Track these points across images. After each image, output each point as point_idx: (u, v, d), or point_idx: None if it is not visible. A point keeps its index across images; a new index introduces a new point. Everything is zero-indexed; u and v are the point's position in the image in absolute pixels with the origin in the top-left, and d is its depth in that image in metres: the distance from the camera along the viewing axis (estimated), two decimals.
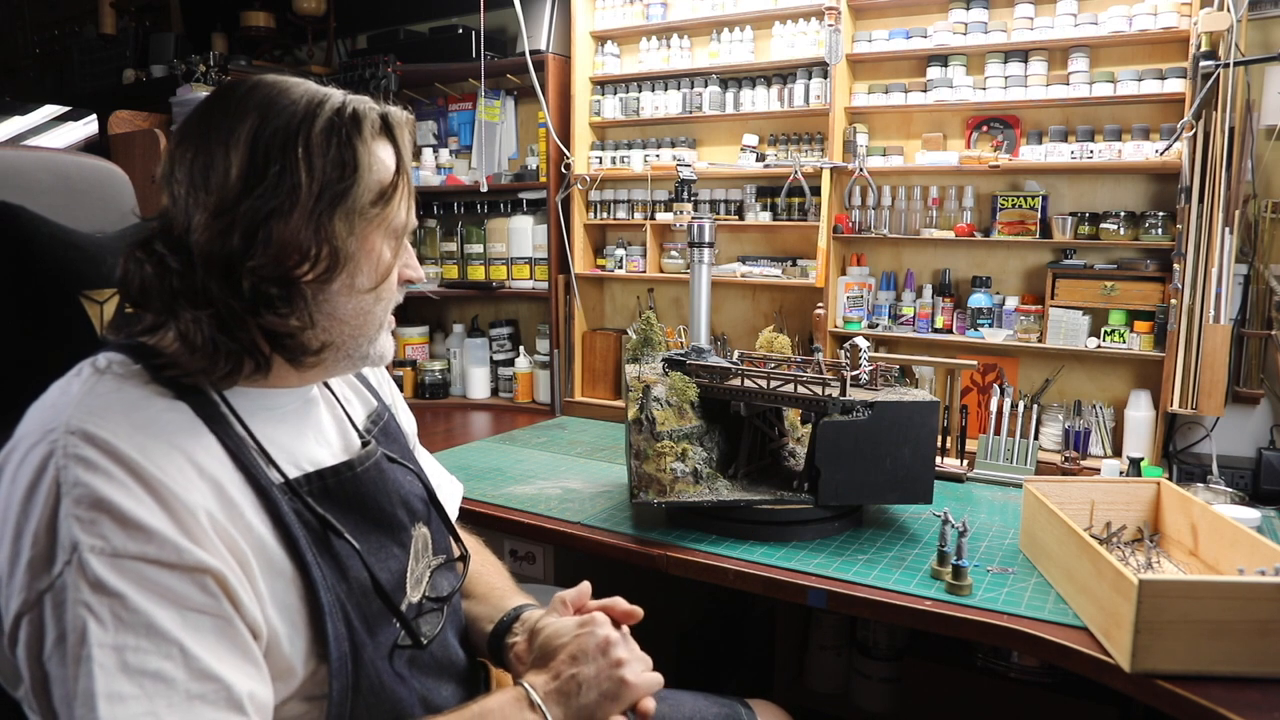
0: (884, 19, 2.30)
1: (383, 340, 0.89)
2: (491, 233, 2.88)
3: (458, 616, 1.03)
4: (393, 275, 0.86)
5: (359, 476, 0.89)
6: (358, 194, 0.79)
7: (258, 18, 3.22)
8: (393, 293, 0.88)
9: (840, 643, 2.19)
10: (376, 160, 0.82)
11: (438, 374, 2.94)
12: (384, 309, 0.87)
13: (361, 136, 0.81)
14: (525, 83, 2.63)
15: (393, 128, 0.84)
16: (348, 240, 0.79)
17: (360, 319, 0.85)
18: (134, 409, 0.73)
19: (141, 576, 0.67)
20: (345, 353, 0.86)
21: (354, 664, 0.79)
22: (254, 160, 0.76)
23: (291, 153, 0.77)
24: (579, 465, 2.09)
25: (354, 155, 0.80)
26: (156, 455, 0.71)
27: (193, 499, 0.71)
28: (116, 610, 0.65)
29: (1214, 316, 1.84)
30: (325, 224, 0.78)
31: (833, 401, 1.49)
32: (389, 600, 0.85)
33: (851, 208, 2.34)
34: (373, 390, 1.07)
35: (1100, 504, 1.48)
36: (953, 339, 2.22)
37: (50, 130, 3.30)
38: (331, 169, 0.78)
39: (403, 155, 0.84)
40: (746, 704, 1.25)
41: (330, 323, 0.83)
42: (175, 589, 0.68)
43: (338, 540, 0.82)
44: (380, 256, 0.84)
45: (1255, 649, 1.04)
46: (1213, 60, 1.81)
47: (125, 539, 0.67)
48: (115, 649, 0.65)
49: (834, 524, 1.57)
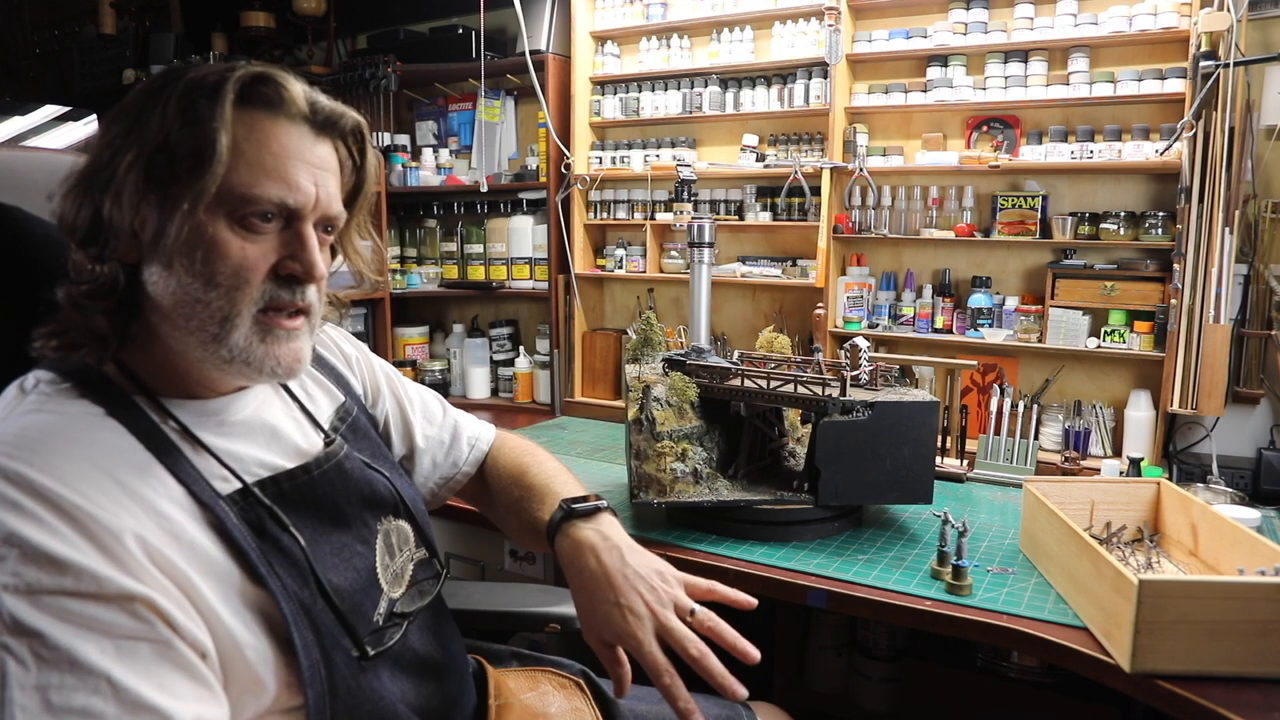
0: (884, 19, 2.29)
1: (238, 339, 0.77)
2: (491, 233, 2.88)
3: (446, 610, 1.02)
4: (231, 259, 0.75)
5: (315, 480, 0.86)
6: (152, 153, 0.73)
7: (258, 18, 3.21)
8: (240, 282, 0.76)
9: (840, 643, 2.19)
10: (186, 124, 0.73)
11: (438, 374, 2.94)
12: (224, 299, 0.75)
13: (173, 98, 0.73)
14: (525, 83, 2.63)
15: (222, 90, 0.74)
16: (149, 210, 0.74)
17: (186, 308, 0.75)
18: (55, 434, 0.70)
19: (62, 610, 0.63)
20: (193, 352, 0.77)
21: (327, 670, 0.77)
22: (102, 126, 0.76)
23: (116, 114, 0.75)
24: (579, 465, 2.09)
25: (160, 118, 0.73)
26: (77, 481, 0.67)
27: (119, 523, 0.67)
28: (36, 648, 0.62)
29: (1214, 316, 1.84)
30: (125, 188, 0.73)
31: (833, 401, 1.49)
32: (335, 607, 0.80)
33: (851, 208, 2.34)
34: (344, 384, 1.02)
35: (1100, 504, 1.48)
36: (953, 339, 2.22)
37: (50, 130, 3.30)
38: (136, 134, 0.73)
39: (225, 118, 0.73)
40: (746, 705, 1.24)
41: (152, 308, 0.77)
42: (101, 619, 0.64)
43: (292, 545, 0.79)
44: (207, 235, 0.74)
45: (1255, 649, 1.04)
46: (1213, 60, 1.81)
47: (39, 574, 0.63)
48: (38, 689, 0.61)
49: (834, 524, 1.57)
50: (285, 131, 0.78)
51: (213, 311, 0.76)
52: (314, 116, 0.80)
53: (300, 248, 0.78)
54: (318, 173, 0.80)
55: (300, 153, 0.78)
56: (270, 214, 0.77)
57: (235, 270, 0.75)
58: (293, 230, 0.79)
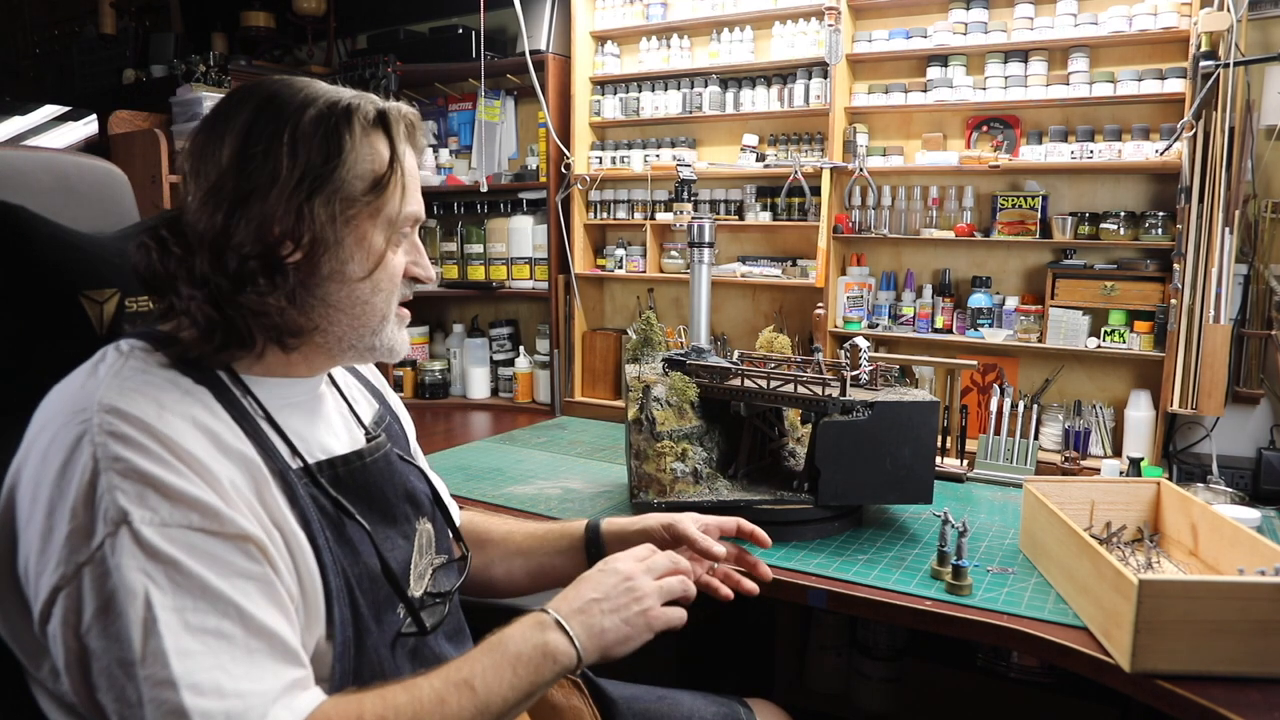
0: (884, 19, 2.29)
1: (388, 333, 0.89)
2: (491, 233, 2.88)
3: (457, 618, 1.03)
4: (391, 267, 0.87)
5: (368, 466, 0.92)
6: (341, 180, 0.81)
7: (258, 18, 3.22)
8: (394, 286, 0.88)
9: (840, 643, 2.19)
10: (367, 150, 0.83)
11: (438, 374, 2.94)
12: (384, 300, 0.88)
13: (350, 127, 0.82)
14: (525, 83, 2.63)
15: (389, 123, 0.85)
16: (330, 225, 0.80)
17: (356, 308, 0.86)
18: (160, 390, 0.75)
19: (190, 544, 0.69)
20: (348, 343, 0.87)
21: (357, 649, 0.81)
22: (244, 144, 0.80)
23: (277, 137, 0.80)
24: (579, 465, 2.09)
25: (339, 143, 0.81)
26: (185, 433, 0.73)
27: (225, 473, 0.74)
28: (171, 575, 0.68)
29: (1214, 316, 1.84)
30: (305, 207, 0.79)
31: (833, 401, 1.49)
32: (397, 584, 0.87)
33: (851, 208, 2.34)
34: (376, 394, 1.09)
35: (1100, 504, 1.48)
36: (953, 339, 2.22)
37: (50, 130, 3.30)
38: (315, 155, 0.80)
39: (397, 149, 0.85)
40: (745, 703, 1.25)
41: (324, 309, 0.84)
42: (222, 555, 0.70)
43: (350, 525, 0.85)
44: (372, 246, 0.85)
45: (1255, 649, 1.04)
46: (1213, 60, 1.81)
47: (171, 510, 0.69)
48: (176, 610, 0.67)
49: (834, 524, 1.57)
50: (412, 157, 0.89)
51: (375, 310, 0.87)
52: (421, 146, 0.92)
53: (419, 254, 0.92)
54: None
55: (417, 173, 0.90)
56: (409, 228, 0.89)
57: (393, 276, 0.88)
58: (410, 240, 0.91)
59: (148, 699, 0.65)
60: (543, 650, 0.83)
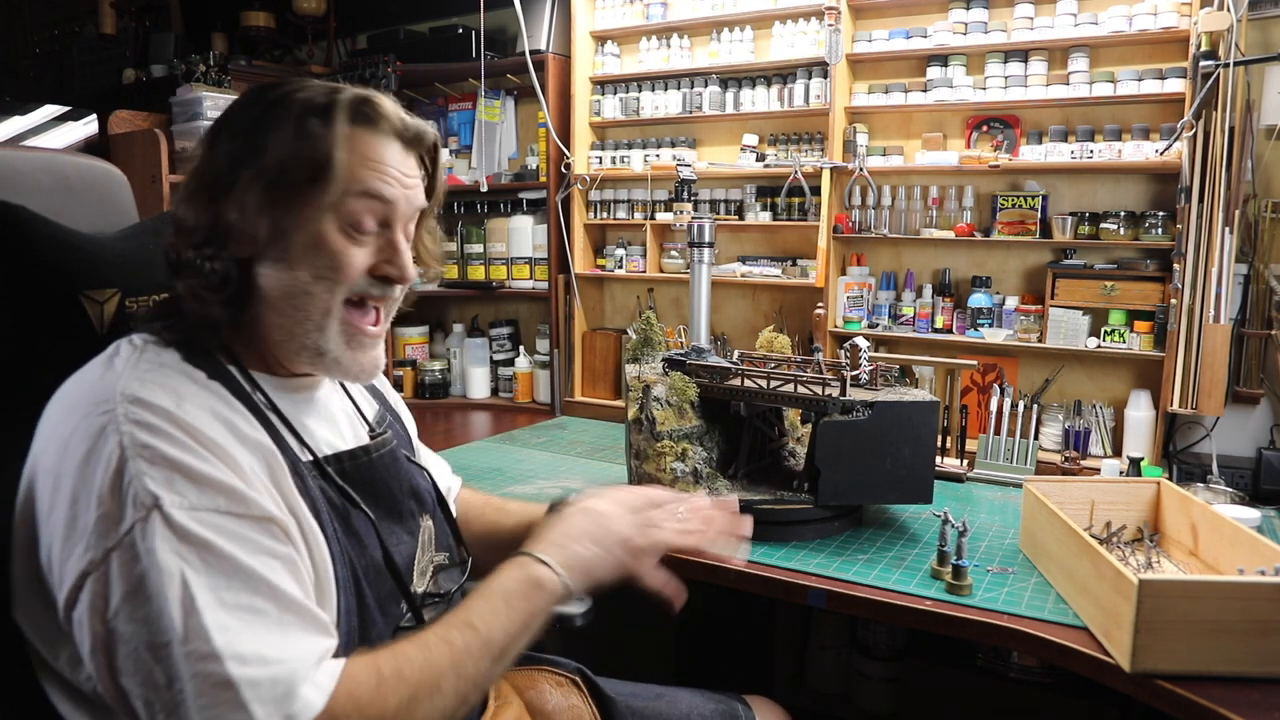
0: (884, 19, 2.29)
1: (332, 335, 0.85)
2: (491, 233, 2.88)
3: None
4: (333, 255, 0.83)
5: (374, 462, 0.94)
6: (267, 167, 0.80)
7: (258, 18, 3.21)
8: (340, 277, 0.84)
9: (840, 643, 2.19)
10: (301, 137, 0.81)
11: (438, 374, 2.94)
12: (326, 290, 0.84)
13: (281, 115, 0.82)
14: (525, 83, 2.63)
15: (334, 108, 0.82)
16: (265, 212, 0.81)
17: (298, 298, 0.83)
18: (178, 383, 0.77)
19: (219, 526, 0.71)
20: (294, 335, 0.85)
21: (361, 639, 0.83)
22: (209, 138, 0.83)
23: (226, 127, 0.83)
24: (579, 465, 2.09)
25: (264, 130, 0.81)
26: (206, 421, 0.75)
27: (246, 459, 0.76)
28: (204, 556, 0.70)
29: (1214, 316, 1.84)
30: (247, 197, 0.80)
31: (833, 401, 1.49)
32: (400, 578, 0.89)
33: (851, 208, 2.34)
34: (377, 394, 1.11)
35: (1100, 504, 1.48)
36: (953, 339, 2.22)
37: (50, 130, 3.30)
38: (239, 142, 0.81)
39: (337, 133, 0.82)
40: (744, 701, 1.25)
41: (263, 306, 0.84)
42: (250, 536, 0.72)
43: (357, 517, 0.87)
44: (315, 234, 0.82)
45: (1255, 649, 1.04)
46: (1213, 60, 1.81)
47: (199, 494, 0.71)
48: (211, 589, 0.69)
49: (834, 524, 1.57)
50: (384, 146, 0.85)
51: (317, 302, 0.84)
52: (405, 133, 0.88)
53: (394, 253, 0.88)
54: (408, 182, 0.88)
55: (394, 165, 0.86)
56: (371, 220, 0.85)
57: (340, 266, 0.84)
58: (386, 237, 0.87)
59: (190, 674, 0.66)
60: (528, 581, 0.86)
